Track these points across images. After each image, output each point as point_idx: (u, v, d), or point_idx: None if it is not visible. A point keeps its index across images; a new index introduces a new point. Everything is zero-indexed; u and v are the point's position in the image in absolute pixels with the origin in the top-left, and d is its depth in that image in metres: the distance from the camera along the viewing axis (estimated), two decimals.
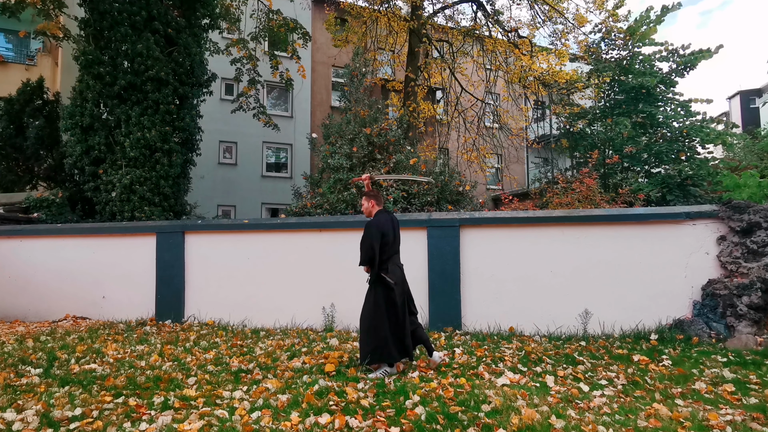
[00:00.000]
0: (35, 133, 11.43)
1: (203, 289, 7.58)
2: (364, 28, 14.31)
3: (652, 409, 3.61)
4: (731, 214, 6.23)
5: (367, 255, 4.55)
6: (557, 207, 9.91)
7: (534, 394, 3.92)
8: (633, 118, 15.15)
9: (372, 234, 4.56)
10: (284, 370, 4.66)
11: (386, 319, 4.51)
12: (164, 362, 4.98)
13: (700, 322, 6.05)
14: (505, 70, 14.28)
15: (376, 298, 4.58)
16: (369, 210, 4.85)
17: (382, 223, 4.64)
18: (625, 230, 6.56)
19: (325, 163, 10.93)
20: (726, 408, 3.69)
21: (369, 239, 4.55)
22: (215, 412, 3.50)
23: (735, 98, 37.44)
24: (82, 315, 7.91)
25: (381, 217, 4.72)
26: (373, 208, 4.84)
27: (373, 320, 4.54)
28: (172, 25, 10.58)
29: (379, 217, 4.74)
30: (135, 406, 3.62)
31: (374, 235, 4.54)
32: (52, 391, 3.99)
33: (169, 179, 10.28)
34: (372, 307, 4.57)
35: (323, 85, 19.79)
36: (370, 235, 4.57)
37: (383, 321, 4.52)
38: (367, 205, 4.86)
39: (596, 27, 15.97)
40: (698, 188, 13.67)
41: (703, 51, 15.10)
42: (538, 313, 6.52)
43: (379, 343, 4.50)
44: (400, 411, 3.54)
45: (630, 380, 4.39)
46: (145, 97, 10.12)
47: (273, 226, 7.83)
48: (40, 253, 8.20)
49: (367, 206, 4.86)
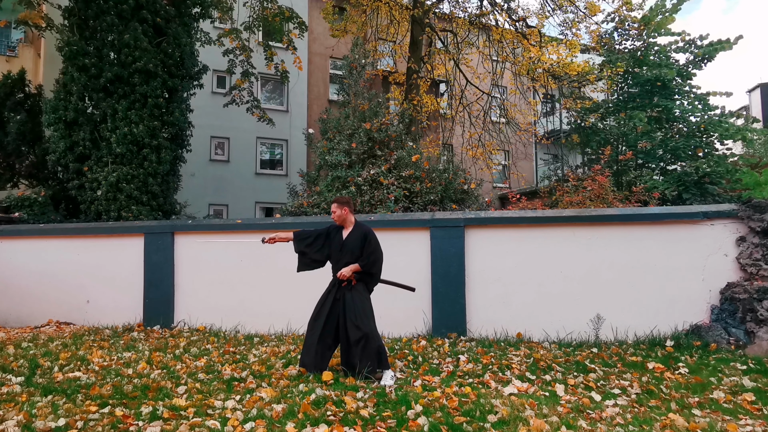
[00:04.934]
0: (16, 128, 11.42)
1: (194, 293, 7.58)
2: (364, 17, 14.30)
3: (667, 419, 3.61)
4: (751, 214, 6.22)
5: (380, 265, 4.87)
6: (567, 206, 9.91)
7: (543, 404, 3.92)
8: (648, 113, 15.13)
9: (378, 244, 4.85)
10: (279, 379, 4.66)
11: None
12: (153, 370, 4.99)
13: (718, 328, 6.05)
14: (513, 62, 14.27)
15: (365, 302, 4.78)
16: (343, 217, 4.93)
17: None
18: (639, 231, 6.56)
19: (322, 159, 10.93)
20: (746, 418, 3.69)
21: (380, 249, 4.85)
22: (206, 422, 3.50)
23: (755, 91, 37.36)
24: (66, 320, 7.91)
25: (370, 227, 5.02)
26: (348, 215, 4.95)
27: (370, 325, 4.68)
28: (161, 14, 10.58)
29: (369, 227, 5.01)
30: (122, 416, 3.62)
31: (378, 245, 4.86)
32: (34, 400, 3.99)
33: (158, 177, 10.29)
34: (364, 313, 4.70)
35: (320, 78, 19.80)
36: (377, 245, 4.84)
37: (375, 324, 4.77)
38: (340, 212, 4.92)
39: (609, 16, 15.94)
40: (716, 186, 13.64)
41: (722, 41, 15.07)
42: (548, 319, 6.52)
43: (381, 347, 4.64)
44: (402, 421, 3.54)
45: (644, 389, 4.39)
46: (133, 90, 10.13)
47: (267, 227, 7.81)
48: (21, 254, 8.21)
49: (340, 213, 4.92)
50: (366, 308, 4.74)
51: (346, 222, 4.93)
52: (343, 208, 4.91)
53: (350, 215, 4.95)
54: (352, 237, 4.85)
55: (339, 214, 4.91)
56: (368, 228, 4.91)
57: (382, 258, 4.86)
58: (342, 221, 4.94)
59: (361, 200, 9.51)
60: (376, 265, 4.82)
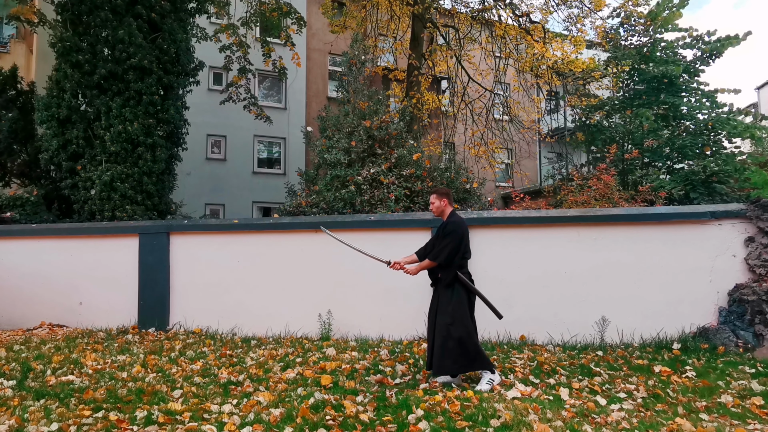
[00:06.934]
0: (8, 126, 11.41)
1: (190, 295, 7.58)
2: (364, 13, 14.30)
3: (674, 424, 3.61)
4: (760, 214, 6.22)
5: (450, 256, 4.62)
6: (572, 206, 9.90)
7: (547, 408, 3.92)
8: (654, 110, 15.13)
9: (461, 233, 4.66)
10: (277, 382, 4.66)
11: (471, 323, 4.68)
12: (147, 373, 4.99)
13: (726, 330, 6.05)
14: (516, 58, 14.27)
15: (458, 302, 4.64)
16: (441, 209, 4.86)
17: (465, 224, 4.77)
18: (645, 231, 6.56)
19: (321, 158, 10.93)
20: (754, 423, 3.69)
21: (457, 238, 4.63)
22: (203, 427, 3.50)
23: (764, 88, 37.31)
24: (59, 322, 7.92)
25: (461, 217, 4.86)
26: (446, 207, 4.86)
27: (464, 326, 4.59)
28: (156, 10, 10.58)
29: (460, 216, 4.87)
30: (116, 420, 3.63)
31: (462, 235, 4.67)
32: (26, 404, 3.99)
33: (153, 176, 10.28)
34: (458, 314, 4.60)
35: (319, 75, 19.80)
36: (458, 234, 4.65)
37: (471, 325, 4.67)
38: (438, 203, 4.86)
39: (615, 11, 15.96)
40: (724, 185, 13.62)
41: (730, 37, 15.07)
42: (552, 321, 6.52)
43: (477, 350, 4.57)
44: (402, 426, 3.54)
45: (651, 393, 4.39)
46: (127, 87, 10.12)
47: (265, 227, 7.83)
48: (13, 255, 8.20)
49: (439, 205, 4.86)
50: (447, 305, 4.64)
51: (444, 214, 4.87)
52: (441, 200, 4.85)
53: (448, 207, 4.87)
54: (440, 229, 4.82)
55: (437, 205, 4.87)
56: (455, 219, 4.78)
57: (453, 249, 4.62)
58: (440, 213, 4.89)
59: (361, 200, 9.51)
60: (441, 256, 4.64)
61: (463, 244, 4.68)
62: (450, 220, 4.79)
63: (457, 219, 4.80)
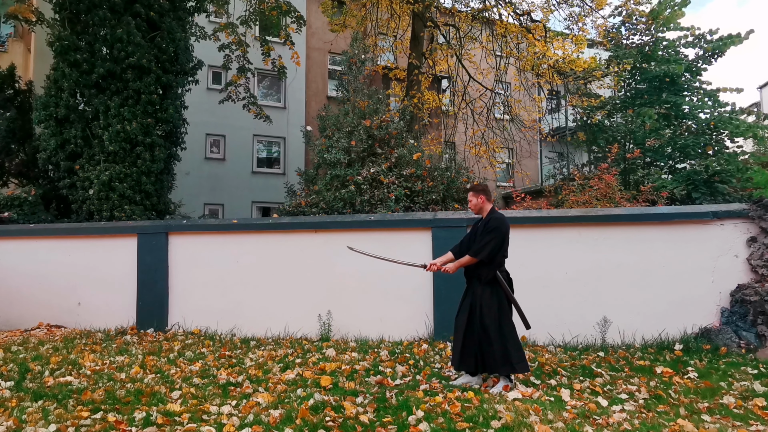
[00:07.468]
0: (6, 126, 11.42)
1: (188, 295, 7.59)
2: (364, 12, 14.30)
3: (676, 425, 3.61)
4: (762, 214, 6.22)
5: (493, 252, 4.56)
6: (573, 206, 9.90)
7: (548, 409, 3.92)
8: (656, 109, 15.13)
9: (504, 230, 4.61)
10: (276, 383, 4.66)
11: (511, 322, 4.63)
12: (146, 374, 4.99)
13: (728, 331, 6.05)
14: (517, 57, 14.26)
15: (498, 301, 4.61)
16: (479, 206, 4.81)
17: (507, 221, 4.72)
18: (647, 231, 6.56)
19: (321, 158, 10.94)
20: (757, 424, 3.69)
21: (500, 235, 4.58)
22: (201, 428, 3.50)
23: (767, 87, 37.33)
24: (57, 323, 7.92)
25: (502, 214, 4.82)
26: (484, 203, 4.80)
27: (507, 325, 4.57)
28: (155, 8, 10.58)
29: (502, 213, 4.83)
30: (114, 422, 3.63)
31: (506, 232, 4.62)
32: (24, 405, 3.99)
33: (152, 175, 10.28)
34: (497, 313, 4.58)
35: (319, 74, 19.80)
36: (501, 231, 4.59)
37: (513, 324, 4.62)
38: (476, 200, 4.80)
39: (616, 10, 15.96)
40: (726, 185, 13.63)
41: (733, 36, 15.07)
42: (553, 321, 6.52)
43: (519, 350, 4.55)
44: (403, 427, 3.54)
45: (652, 394, 4.39)
46: (126, 86, 10.12)
47: (264, 227, 7.83)
48: (11, 255, 8.20)
49: (476, 202, 4.80)
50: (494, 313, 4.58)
51: (483, 211, 4.81)
52: (479, 197, 4.79)
53: (486, 203, 4.80)
54: (480, 226, 4.76)
55: (475, 202, 4.82)
56: (497, 216, 4.72)
57: (496, 245, 4.55)
58: (479, 210, 4.83)
59: (361, 199, 9.52)
60: (483, 252, 4.54)
61: (506, 241, 4.64)
62: (492, 216, 4.72)
63: (500, 215, 4.75)
